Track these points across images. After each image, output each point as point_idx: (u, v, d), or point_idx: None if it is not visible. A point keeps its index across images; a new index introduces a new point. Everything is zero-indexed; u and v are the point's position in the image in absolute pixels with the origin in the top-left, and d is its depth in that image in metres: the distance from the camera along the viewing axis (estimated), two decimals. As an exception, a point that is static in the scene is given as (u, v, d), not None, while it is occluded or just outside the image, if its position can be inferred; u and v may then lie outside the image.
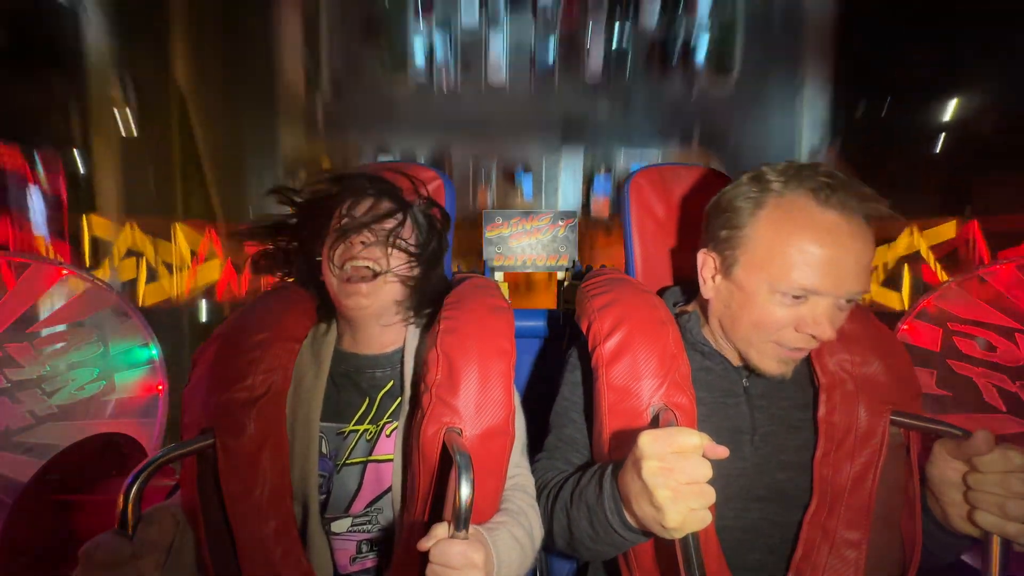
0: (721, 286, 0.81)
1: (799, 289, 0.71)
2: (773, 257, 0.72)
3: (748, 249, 0.75)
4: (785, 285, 0.71)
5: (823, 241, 0.70)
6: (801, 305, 0.72)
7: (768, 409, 0.84)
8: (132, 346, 2.22)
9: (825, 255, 0.69)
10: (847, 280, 0.70)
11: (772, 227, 0.73)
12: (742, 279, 0.76)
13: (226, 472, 0.76)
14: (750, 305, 0.76)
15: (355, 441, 0.87)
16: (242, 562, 0.75)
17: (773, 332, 0.75)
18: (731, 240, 0.77)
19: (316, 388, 0.88)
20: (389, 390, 0.90)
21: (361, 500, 0.85)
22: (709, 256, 0.82)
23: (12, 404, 2.01)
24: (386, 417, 0.88)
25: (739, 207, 0.77)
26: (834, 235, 0.70)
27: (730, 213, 0.78)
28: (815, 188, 0.71)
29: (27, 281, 2.07)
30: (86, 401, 2.11)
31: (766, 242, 0.73)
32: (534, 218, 1.55)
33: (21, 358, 2.05)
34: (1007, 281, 1.93)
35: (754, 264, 0.75)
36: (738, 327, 0.79)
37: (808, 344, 0.75)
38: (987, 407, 1.91)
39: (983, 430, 0.65)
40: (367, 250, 0.84)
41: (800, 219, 0.71)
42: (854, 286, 0.71)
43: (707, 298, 0.83)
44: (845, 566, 0.73)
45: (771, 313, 0.74)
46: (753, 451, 0.81)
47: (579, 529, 0.73)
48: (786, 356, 0.77)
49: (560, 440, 0.89)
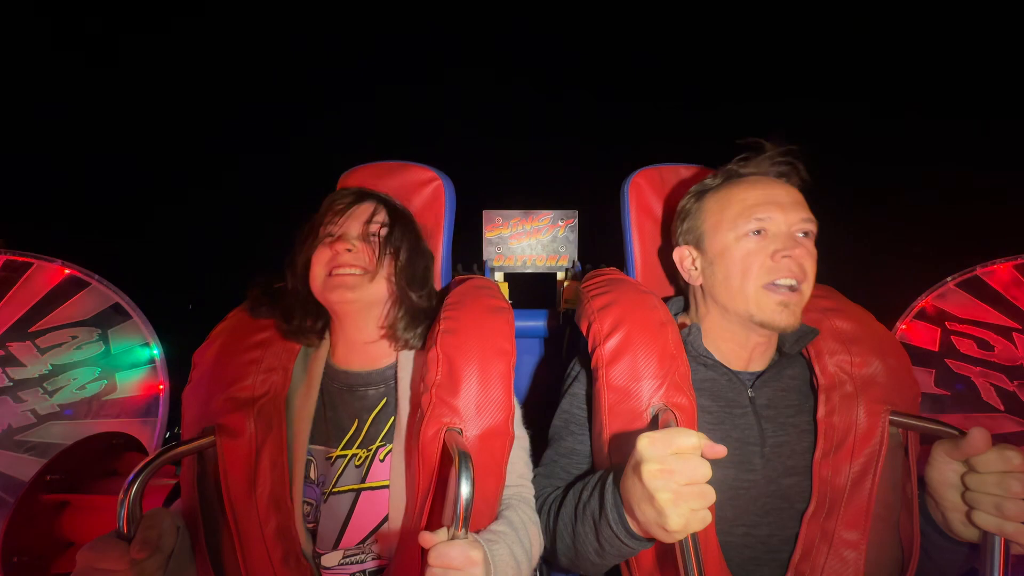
0: (702, 264, 0.89)
1: (755, 219, 0.82)
2: (725, 211, 0.86)
3: (706, 219, 0.88)
4: (743, 221, 0.83)
5: (755, 187, 0.86)
6: (765, 238, 0.82)
7: (775, 418, 0.83)
8: (133, 346, 2.22)
9: (760, 195, 0.84)
10: (788, 208, 0.82)
11: (717, 200, 0.89)
12: (712, 244, 0.87)
13: (226, 472, 0.76)
14: (728, 258, 0.84)
15: (344, 467, 0.83)
16: (242, 562, 0.74)
17: (757, 271, 0.82)
18: (692, 224, 0.91)
19: (306, 406, 0.85)
20: (382, 409, 0.87)
21: (353, 532, 0.81)
22: (683, 249, 0.93)
23: (14, 403, 2.01)
24: (379, 440, 0.84)
25: (691, 199, 0.94)
26: (761, 183, 0.86)
27: (684, 211, 0.94)
28: (734, 168, 0.90)
29: (28, 281, 2.08)
30: (87, 400, 2.12)
31: (716, 207, 0.88)
32: (534, 218, 1.55)
33: (23, 357, 2.06)
34: (1005, 281, 1.93)
35: (715, 226, 0.87)
36: (731, 286, 0.84)
37: (791, 272, 0.80)
38: (985, 406, 1.91)
39: (979, 428, 0.65)
40: (352, 255, 0.84)
41: (734, 187, 0.88)
42: (796, 211, 0.82)
43: (697, 284, 0.90)
44: (844, 566, 0.73)
45: (746, 253, 0.83)
46: (764, 463, 0.81)
47: (585, 545, 0.73)
48: (783, 298, 0.80)
49: (559, 453, 0.89)
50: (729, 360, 0.87)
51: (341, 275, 0.83)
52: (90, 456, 1.38)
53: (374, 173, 1.08)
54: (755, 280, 0.81)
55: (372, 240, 0.87)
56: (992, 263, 1.95)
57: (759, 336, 0.85)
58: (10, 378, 2.02)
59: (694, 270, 0.90)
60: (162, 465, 0.70)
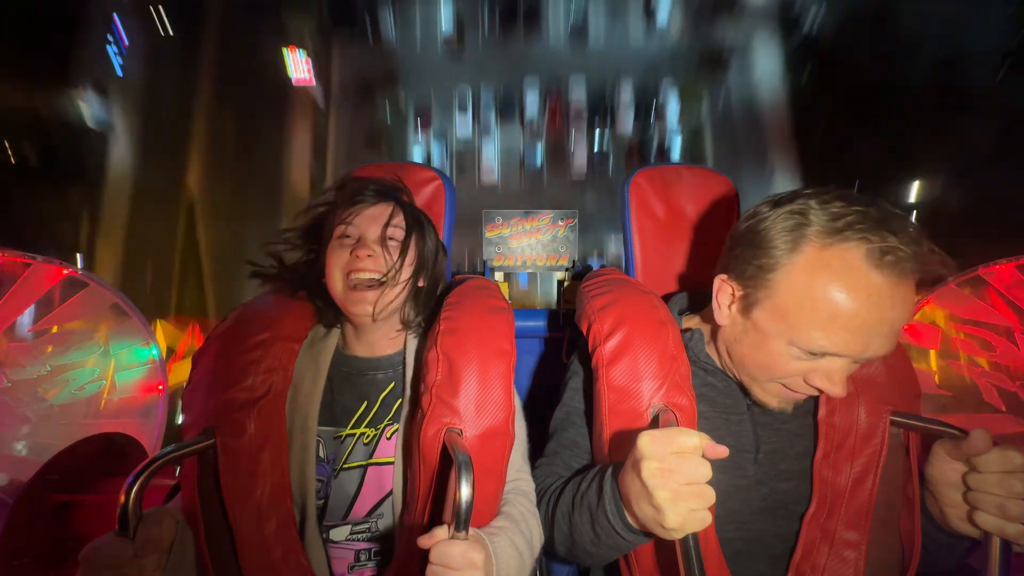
0: (736, 319, 0.75)
1: (821, 351, 0.65)
2: (801, 312, 0.65)
3: (774, 294, 0.68)
4: (806, 344, 0.65)
5: (862, 306, 0.61)
6: (817, 360, 0.68)
7: (772, 425, 0.83)
8: (132, 346, 2.22)
9: (859, 322, 0.62)
10: (874, 345, 0.64)
11: (807, 278, 0.64)
12: (760, 321, 0.70)
13: (226, 472, 0.76)
14: (763, 349, 0.71)
15: (352, 445, 0.86)
16: (242, 562, 0.75)
17: (780, 378, 0.72)
18: (757, 279, 0.70)
19: (314, 392, 0.88)
20: (390, 392, 0.90)
21: (361, 505, 0.84)
22: (728, 284, 0.75)
23: (13, 404, 2.01)
24: (386, 420, 0.88)
25: (773, 244, 0.68)
26: (876, 300, 0.61)
27: (761, 249, 0.69)
28: (869, 243, 0.61)
29: (27, 281, 2.07)
30: (87, 400, 2.12)
31: (796, 293, 0.65)
32: (534, 218, 1.55)
33: (22, 357, 2.06)
34: (1007, 281, 1.93)
35: (778, 312, 0.68)
36: (746, 364, 0.76)
37: (814, 393, 0.72)
38: (986, 407, 1.91)
39: (980, 429, 0.64)
40: (372, 261, 0.84)
41: (844, 277, 0.62)
42: (880, 350, 0.65)
43: (719, 324, 0.79)
44: (844, 566, 0.73)
45: (784, 363, 0.69)
46: (756, 469, 0.81)
47: (581, 534, 0.73)
48: (788, 397, 0.75)
49: (560, 445, 0.89)
50: (730, 369, 0.86)
51: (361, 288, 0.84)
52: (90, 456, 1.38)
53: (375, 173, 1.08)
54: (773, 377, 0.73)
55: (390, 244, 0.87)
56: (994, 263, 1.95)
57: None
58: (9, 379, 2.02)
59: (726, 311, 0.76)
60: (162, 466, 0.70)
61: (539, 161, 5.12)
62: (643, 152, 5.09)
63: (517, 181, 5.20)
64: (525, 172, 5.20)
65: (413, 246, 0.89)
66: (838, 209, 0.64)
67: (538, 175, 5.17)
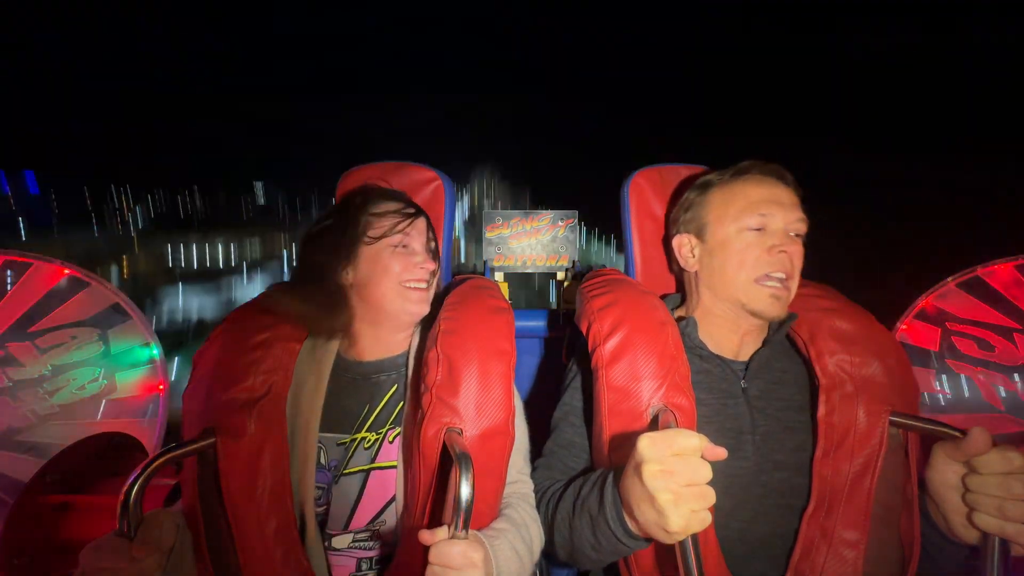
0: (700, 253, 0.94)
1: (757, 215, 0.87)
2: (729, 206, 0.90)
3: (710, 211, 0.93)
4: (747, 216, 0.88)
5: (759, 186, 0.90)
6: (764, 234, 0.87)
7: (766, 409, 0.85)
8: (133, 346, 2.22)
9: (764, 193, 0.89)
10: (787, 208, 0.88)
11: (722, 193, 0.93)
12: (714, 233, 0.92)
13: (226, 472, 0.76)
14: (727, 250, 0.89)
15: (354, 450, 0.86)
16: (242, 562, 0.75)
17: (752, 264, 0.87)
18: (696, 215, 0.95)
19: (315, 399, 0.88)
20: (393, 395, 0.90)
21: (363, 512, 0.83)
22: (682, 237, 0.97)
23: (13, 403, 2.01)
24: (389, 423, 0.88)
25: (693, 195, 0.97)
26: (764, 182, 0.91)
27: (689, 200, 0.98)
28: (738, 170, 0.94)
29: (28, 281, 2.07)
30: (87, 400, 2.12)
31: (721, 201, 0.92)
32: (534, 218, 1.55)
33: (22, 357, 2.05)
34: (1006, 281, 1.93)
35: (718, 218, 0.91)
36: (727, 277, 0.89)
37: (783, 266, 0.85)
38: (985, 407, 1.91)
39: (979, 428, 0.65)
40: (425, 270, 0.91)
41: (739, 183, 0.92)
42: (795, 212, 0.88)
43: (693, 270, 0.96)
44: (844, 566, 0.73)
45: (745, 246, 0.88)
46: (755, 451, 0.82)
47: (581, 539, 0.73)
48: (774, 291, 0.85)
49: (559, 445, 0.89)
50: (722, 348, 0.91)
51: (419, 288, 0.90)
52: (90, 456, 1.38)
53: (376, 173, 1.09)
54: (749, 272, 0.87)
55: (430, 252, 0.95)
56: (993, 263, 1.95)
57: (748, 324, 0.90)
58: (9, 378, 2.02)
59: (691, 257, 0.95)
60: (162, 466, 0.70)
61: None
62: None
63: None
64: None
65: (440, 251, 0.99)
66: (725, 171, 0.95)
67: None
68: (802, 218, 0.89)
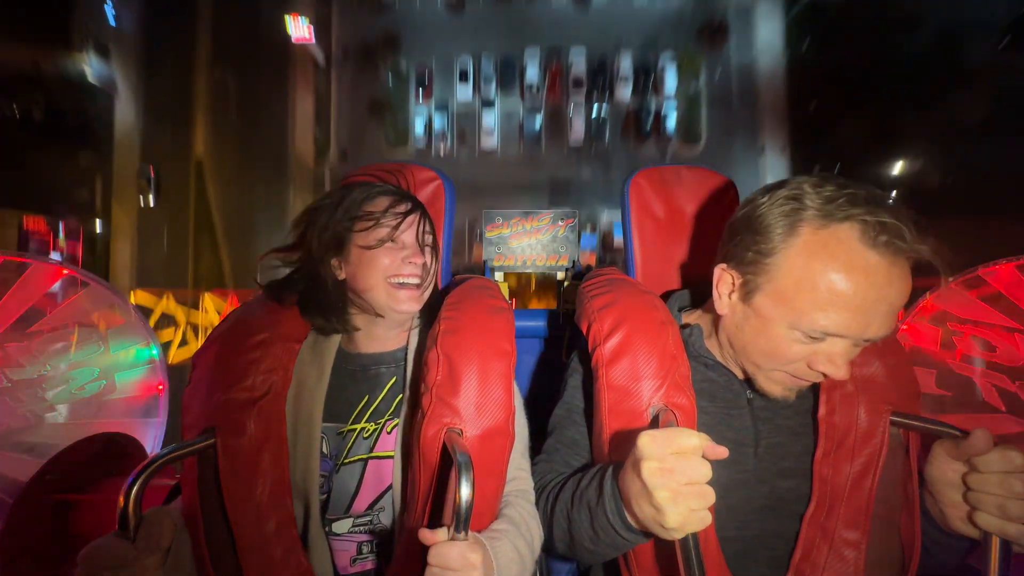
0: (737, 307, 0.76)
1: (822, 332, 0.67)
2: (800, 293, 0.66)
3: (774, 278, 0.69)
4: (807, 325, 0.66)
5: (860, 285, 0.63)
6: (819, 343, 0.69)
7: (772, 420, 0.83)
8: (133, 346, 2.22)
9: (859, 301, 0.63)
10: (874, 325, 0.65)
11: (805, 260, 0.66)
12: (761, 307, 0.71)
13: (226, 472, 0.76)
14: (765, 335, 0.72)
15: (354, 439, 0.87)
16: (242, 562, 0.75)
17: (784, 364, 0.73)
18: (756, 265, 0.71)
19: (318, 389, 0.88)
20: (392, 387, 0.90)
21: (362, 499, 0.85)
22: (728, 273, 0.77)
23: (13, 403, 2.01)
24: (388, 414, 0.88)
25: (770, 229, 0.69)
26: (873, 279, 0.63)
27: (759, 235, 0.71)
28: (864, 223, 0.63)
29: (27, 281, 2.07)
30: (87, 401, 2.12)
31: (795, 275, 0.67)
32: (534, 218, 1.55)
33: (22, 357, 2.05)
34: (1007, 281, 1.93)
35: (778, 296, 0.69)
36: (749, 351, 0.76)
37: (819, 379, 0.72)
38: (986, 407, 1.91)
39: (981, 428, 0.64)
40: (417, 266, 0.88)
41: (840, 257, 0.64)
42: (880, 331, 0.66)
43: (720, 314, 0.79)
44: (844, 566, 0.73)
45: (787, 348, 0.70)
46: (756, 463, 0.81)
47: (580, 531, 0.73)
48: (792, 384, 0.76)
49: (560, 442, 0.89)
50: (729, 360, 0.87)
51: (408, 285, 0.87)
52: (90, 456, 1.38)
53: (376, 173, 1.08)
54: (779, 367, 0.74)
55: (426, 250, 0.91)
56: (994, 263, 1.95)
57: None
58: (8, 379, 2.02)
59: (724, 300, 0.78)
60: (162, 466, 0.70)
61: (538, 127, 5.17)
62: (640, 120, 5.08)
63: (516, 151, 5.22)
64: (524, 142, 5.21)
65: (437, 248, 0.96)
66: (831, 192, 0.66)
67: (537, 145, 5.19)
68: (889, 333, 0.66)
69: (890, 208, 0.63)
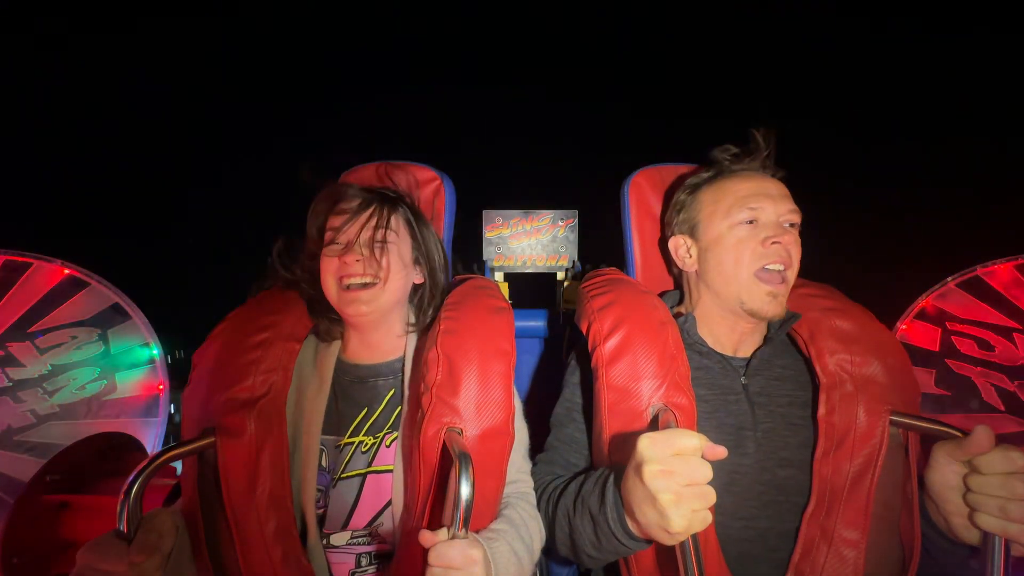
0: (696, 252, 0.94)
1: (747, 208, 0.87)
2: (719, 203, 0.90)
3: (701, 209, 0.93)
4: (737, 210, 0.88)
5: (747, 181, 0.90)
6: (756, 227, 0.87)
7: (767, 406, 0.85)
8: (133, 346, 2.22)
9: (751, 187, 0.89)
10: (777, 199, 0.87)
11: (711, 192, 0.93)
12: (707, 230, 0.91)
13: (226, 472, 0.76)
14: (722, 245, 0.89)
15: (351, 453, 0.85)
16: (242, 562, 0.75)
17: (749, 257, 0.86)
18: (688, 215, 0.96)
19: (319, 401, 0.87)
20: (390, 400, 0.89)
21: (360, 515, 0.83)
22: (677, 238, 0.97)
23: (13, 403, 2.01)
24: (386, 428, 0.87)
25: (684, 196, 0.98)
26: (752, 177, 0.91)
27: (679, 203, 0.98)
28: (726, 164, 0.94)
29: (28, 281, 2.07)
30: (87, 400, 2.12)
31: (711, 199, 0.92)
32: (534, 218, 1.55)
33: (22, 357, 2.06)
34: (1006, 281, 1.93)
35: (710, 215, 0.91)
36: (724, 273, 0.88)
37: (779, 257, 0.85)
38: (986, 407, 1.91)
39: (983, 426, 0.64)
40: (361, 265, 0.85)
41: (727, 180, 0.93)
42: (784, 203, 0.88)
43: (692, 270, 0.95)
44: (844, 565, 0.73)
45: (738, 240, 0.87)
46: (756, 447, 0.82)
47: (582, 538, 0.73)
48: (772, 288, 0.85)
49: (560, 441, 0.89)
50: (722, 345, 0.91)
51: (355, 288, 0.85)
52: (90, 456, 1.38)
53: (375, 172, 1.08)
54: (747, 266, 0.86)
55: (379, 247, 0.87)
56: (993, 263, 1.95)
57: (747, 323, 0.89)
58: (10, 378, 2.02)
59: (688, 258, 0.95)
60: (162, 465, 0.70)
61: None
62: None
63: None
64: None
65: (405, 244, 0.90)
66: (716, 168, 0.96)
67: None
68: (794, 208, 0.88)
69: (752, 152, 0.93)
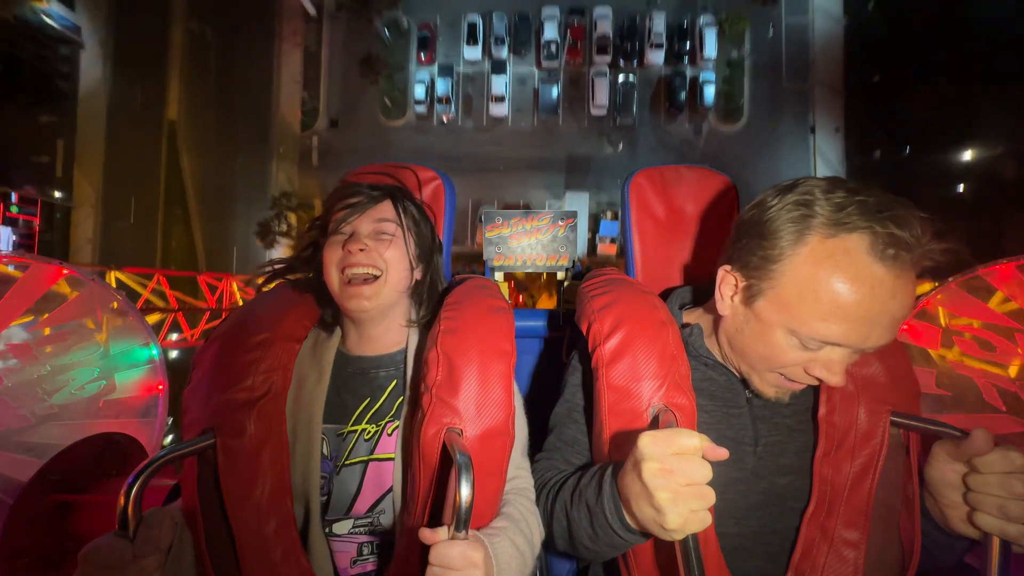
0: (738, 309, 0.76)
1: (821, 342, 0.66)
2: (803, 302, 0.66)
3: (777, 285, 0.68)
4: (807, 333, 0.66)
5: (864, 298, 0.62)
6: (817, 351, 0.68)
7: (771, 419, 0.84)
8: (132, 346, 2.22)
9: (861, 312, 0.63)
10: (874, 336, 0.64)
11: (811, 268, 0.65)
12: (763, 312, 0.71)
13: (226, 472, 0.76)
14: (764, 339, 0.72)
15: (354, 441, 0.87)
16: (242, 562, 0.75)
17: (780, 368, 0.73)
18: (761, 269, 0.70)
19: (318, 391, 0.88)
20: (392, 390, 0.90)
21: (363, 502, 0.85)
22: (732, 275, 0.76)
23: (13, 404, 2.01)
24: (388, 416, 0.88)
25: (777, 235, 0.68)
26: (877, 292, 0.62)
27: (766, 239, 0.69)
28: (873, 235, 0.62)
29: (27, 281, 2.07)
30: (86, 400, 2.12)
31: (800, 283, 0.66)
32: (534, 218, 1.55)
33: (22, 357, 2.05)
34: (1007, 281, 1.93)
35: (780, 302, 0.68)
36: (747, 354, 0.77)
37: (814, 383, 0.73)
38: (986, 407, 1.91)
39: (981, 429, 0.64)
40: (365, 255, 0.86)
41: (846, 269, 0.63)
42: (879, 341, 0.65)
43: (721, 315, 0.79)
44: (844, 566, 0.73)
45: (784, 354, 0.70)
46: (755, 461, 0.81)
47: (579, 530, 0.73)
48: (786, 387, 0.76)
49: (560, 440, 0.89)
50: (729, 359, 0.87)
51: (357, 282, 0.86)
52: (90, 456, 1.38)
53: (375, 172, 1.08)
54: (775, 372, 0.75)
55: (383, 238, 0.89)
56: (993, 263, 1.95)
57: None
58: (9, 378, 2.02)
59: (725, 303, 0.78)
60: (162, 466, 0.70)
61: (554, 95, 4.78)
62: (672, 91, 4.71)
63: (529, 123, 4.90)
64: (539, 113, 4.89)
65: (407, 238, 0.91)
66: (842, 199, 0.65)
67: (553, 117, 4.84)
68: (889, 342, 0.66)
69: (901, 217, 0.62)
